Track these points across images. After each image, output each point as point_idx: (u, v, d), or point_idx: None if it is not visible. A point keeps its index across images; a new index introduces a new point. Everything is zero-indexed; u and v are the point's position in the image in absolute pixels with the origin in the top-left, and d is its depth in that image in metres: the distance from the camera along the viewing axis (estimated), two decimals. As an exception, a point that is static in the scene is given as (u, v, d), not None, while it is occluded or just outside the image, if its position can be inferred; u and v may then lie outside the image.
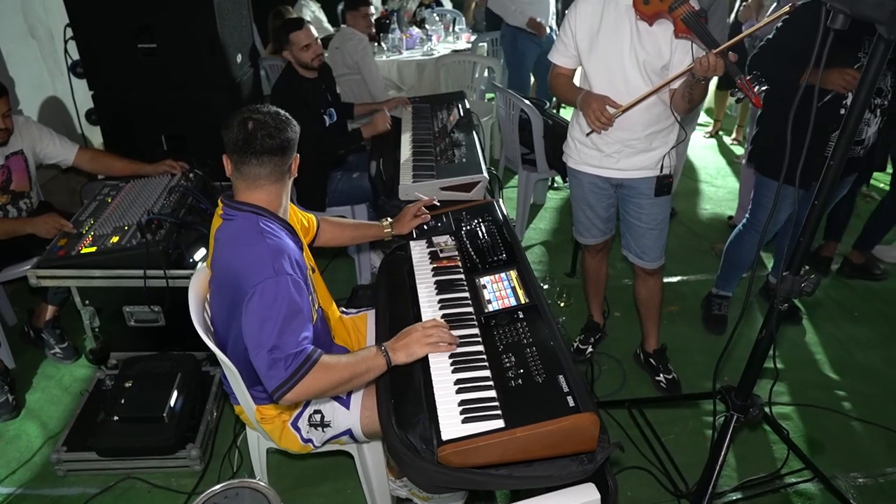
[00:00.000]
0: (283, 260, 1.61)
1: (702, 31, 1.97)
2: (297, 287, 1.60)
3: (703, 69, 1.97)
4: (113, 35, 3.22)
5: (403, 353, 1.66)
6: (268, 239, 1.64)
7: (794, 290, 1.72)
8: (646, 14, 2.08)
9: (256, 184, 1.71)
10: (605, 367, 2.98)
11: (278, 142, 1.68)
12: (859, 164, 2.79)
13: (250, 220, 1.69)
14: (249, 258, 1.61)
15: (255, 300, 1.55)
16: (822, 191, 1.62)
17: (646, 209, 2.49)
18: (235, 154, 1.69)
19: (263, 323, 1.54)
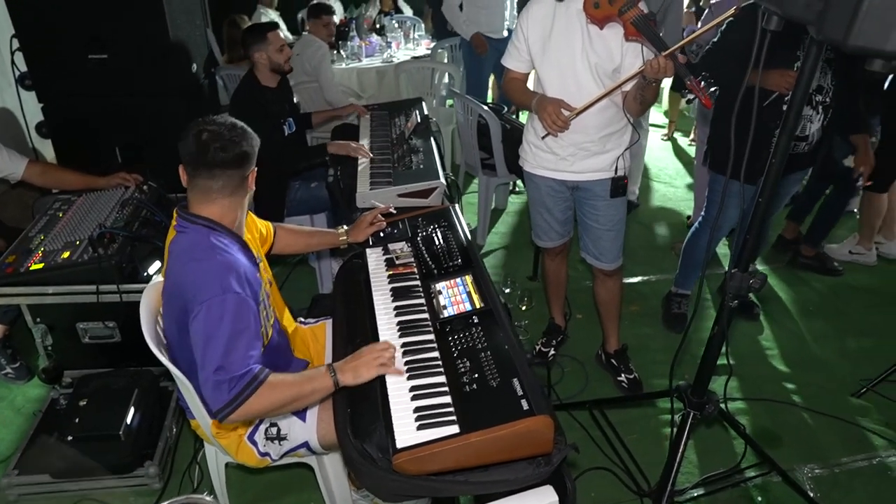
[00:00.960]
0: (232, 277, 1.58)
1: (651, 34, 2.00)
2: (244, 306, 1.58)
3: (653, 71, 2.00)
4: (62, 45, 3.16)
5: (351, 374, 1.62)
6: (218, 255, 1.62)
7: (742, 286, 1.76)
8: (596, 18, 2.10)
9: (209, 197, 1.68)
10: (567, 369, 3.00)
11: (232, 155, 1.65)
12: (805, 161, 2.85)
13: (202, 233, 1.67)
14: (198, 274, 1.59)
15: (200, 318, 1.53)
16: (766, 188, 1.65)
17: (602, 211, 2.51)
18: (189, 166, 1.67)
19: (208, 342, 1.51)
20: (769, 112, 2.55)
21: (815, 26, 1.23)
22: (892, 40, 1.12)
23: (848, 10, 1.14)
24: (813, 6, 1.22)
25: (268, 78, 3.18)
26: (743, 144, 1.65)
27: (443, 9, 5.04)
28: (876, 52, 1.15)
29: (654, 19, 2.00)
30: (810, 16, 1.24)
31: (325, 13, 4.44)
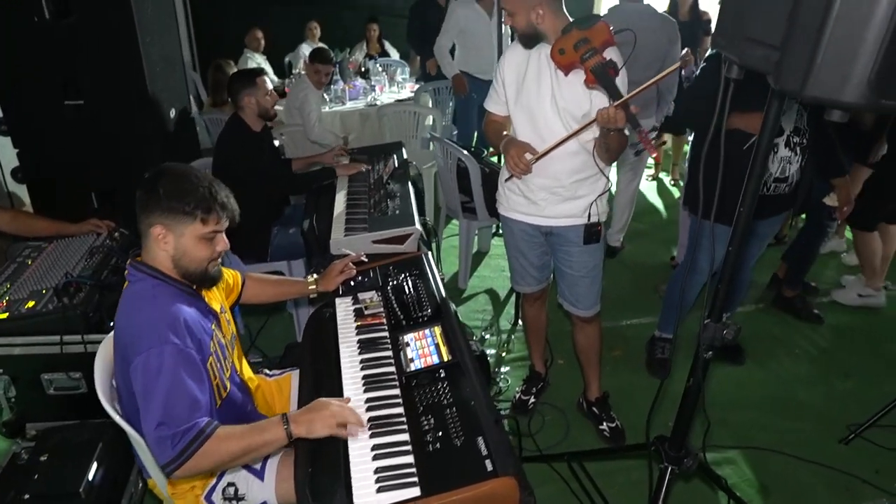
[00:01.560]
0: (170, 329, 1.54)
1: (607, 83, 1.98)
2: (184, 357, 1.53)
3: (604, 120, 1.98)
4: (38, 91, 3.14)
5: (304, 427, 1.56)
6: (157, 306, 1.58)
7: (716, 337, 1.71)
8: (561, 64, 2.10)
9: (147, 245, 1.67)
10: (548, 417, 2.92)
11: (139, 201, 1.65)
12: (786, 202, 2.84)
13: (146, 284, 1.65)
14: (136, 325, 1.56)
15: (138, 371, 1.49)
16: (735, 236, 1.62)
17: (576, 257, 2.48)
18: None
19: (147, 396, 1.48)
20: (748, 155, 2.53)
21: (772, 76, 1.21)
22: (848, 91, 1.10)
23: (803, 61, 1.13)
24: (770, 57, 1.21)
25: (254, 122, 3.19)
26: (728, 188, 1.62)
27: (434, 50, 5.08)
28: (832, 103, 1.13)
29: (614, 67, 1.97)
30: (768, 66, 1.22)
31: (319, 61, 4.47)
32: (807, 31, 1.11)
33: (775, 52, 1.19)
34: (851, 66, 1.09)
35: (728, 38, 1.34)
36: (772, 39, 1.20)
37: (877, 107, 1.10)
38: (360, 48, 6.98)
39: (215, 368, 1.70)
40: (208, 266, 1.72)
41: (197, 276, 1.72)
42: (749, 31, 1.25)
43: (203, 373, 1.60)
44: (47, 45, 3.05)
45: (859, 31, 1.06)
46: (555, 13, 2.19)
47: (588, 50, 1.97)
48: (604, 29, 2.00)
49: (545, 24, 2.20)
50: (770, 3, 1.21)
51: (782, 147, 2.63)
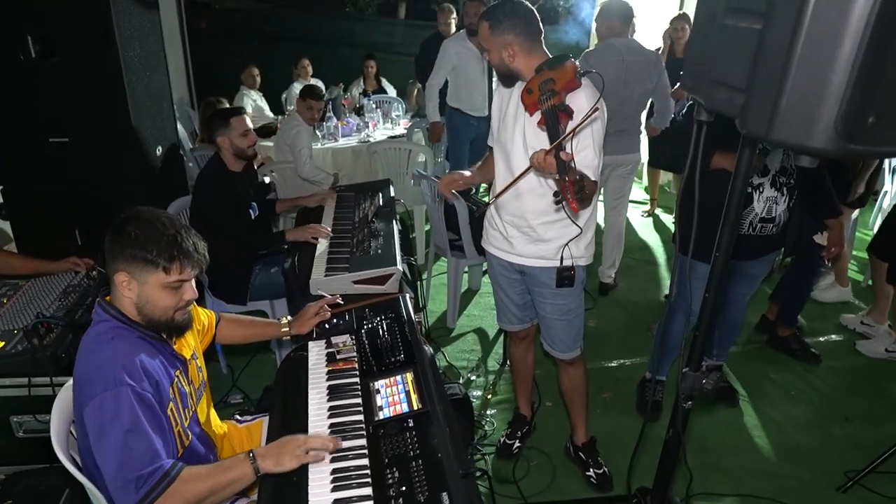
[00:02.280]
0: (127, 370, 1.51)
1: (551, 126, 1.90)
2: (142, 399, 1.50)
3: (535, 164, 1.90)
4: (23, 129, 3.13)
5: (273, 461, 1.53)
6: (115, 347, 1.55)
7: (695, 387, 1.64)
8: (527, 103, 2.06)
9: (113, 289, 1.64)
10: (534, 462, 2.83)
11: (104, 242, 1.62)
12: (774, 242, 2.79)
13: (108, 326, 1.62)
14: (91, 366, 1.53)
15: (92, 413, 1.46)
16: (713, 282, 1.56)
17: (549, 299, 2.42)
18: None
19: (103, 438, 1.44)
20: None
21: (739, 120, 1.17)
22: (815, 136, 1.06)
23: (768, 105, 1.08)
24: (735, 99, 1.17)
25: (233, 162, 3.15)
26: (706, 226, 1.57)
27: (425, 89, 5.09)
28: (799, 148, 1.08)
29: (566, 112, 1.90)
30: (733, 110, 1.18)
31: (311, 97, 4.50)
32: (770, 74, 1.07)
33: (741, 95, 1.15)
34: (817, 111, 1.04)
35: (695, 80, 1.30)
36: (737, 82, 1.17)
37: (845, 152, 1.06)
38: (357, 84, 7.03)
39: (175, 415, 1.65)
40: (174, 315, 1.68)
41: (162, 324, 1.67)
42: (714, 74, 1.22)
43: (162, 416, 1.57)
44: (32, 83, 3.05)
45: (823, 75, 1.02)
46: (527, 52, 2.17)
47: (548, 91, 1.93)
48: (570, 70, 1.95)
49: (517, 62, 2.19)
50: (735, 44, 1.17)
51: (768, 187, 2.59)
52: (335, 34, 9.98)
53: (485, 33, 2.20)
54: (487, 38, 2.19)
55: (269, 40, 8.00)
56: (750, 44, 1.13)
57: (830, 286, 4.24)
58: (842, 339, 3.90)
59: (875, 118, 1.03)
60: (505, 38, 2.16)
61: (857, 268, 4.76)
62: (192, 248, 1.63)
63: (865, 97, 1.01)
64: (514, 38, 2.15)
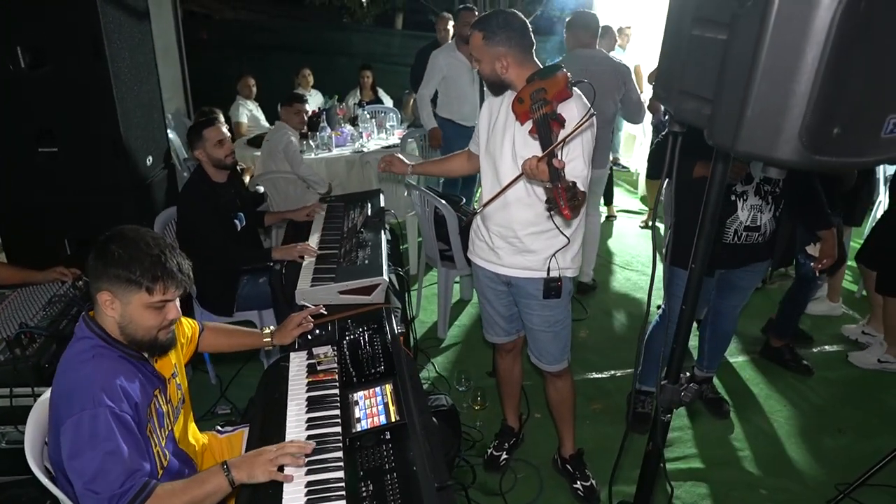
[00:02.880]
0: (106, 391, 1.50)
1: (543, 135, 1.91)
2: (120, 420, 1.49)
3: (526, 172, 1.90)
4: (12, 139, 3.14)
5: (245, 472, 1.52)
6: (95, 367, 1.54)
7: (673, 399, 1.63)
8: (518, 113, 2.06)
9: (96, 308, 1.63)
10: (521, 474, 2.81)
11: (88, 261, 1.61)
12: (762, 252, 2.77)
13: (89, 342, 1.61)
14: (70, 384, 1.52)
15: (69, 432, 1.45)
16: (689, 294, 1.55)
17: (536, 311, 2.40)
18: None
19: (78, 458, 1.44)
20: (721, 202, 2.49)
21: (706, 131, 1.16)
22: (780, 147, 1.05)
23: (734, 116, 1.08)
24: (703, 111, 1.16)
25: (215, 173, 3.15)
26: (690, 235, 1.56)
27: (417, 99, 5.10)
28: (765, 159, 1.08)
29: (558, 121, 1.92)
30: (702, 120, 1.17)
31: (297, 101, 4.58)
32: (735, 85, 1.07)
33: (708, 106, 1.15)
34: (781, 121, 1.04)
35: (666, 91, 1.29)
36: (704, 93, 1.16)
37: (811, 164, 1.05)
38: (353, 95, 7.05)
39: (154, 436, 1.65)
40: (158, 334, 1.66)
41: (145, 343, 1.66)
42: (683, 84, 1.21)
43: (140, 437, 1.56)
44: (22, 93, 3.05)
45: (787, 85, 1.02)
46: (520, 63, 2.17)
47: (540, 100, 1.94)
48: (561, 80, 1.97)
49: (509, 73, 2.19)
50: (701, 55, 1.16)
51: (752, 195, 2.59)
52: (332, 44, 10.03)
53: (477, 43, 2.19)
54: (480, 49, 2.18)
55: (267, 50, 8.03)
56: (716, 54, 1.12)
57: (820, 300, 4.22)
58: (835, 350, 3.88)
59: (840, 129, 1.02)
60: (498, 49, 2.16)
61: (852, 278, 4.74)
62: (177, 269, 1.62)
63: (829, 108, 1.01)
64: (507, 49, 2.15)
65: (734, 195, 2.60)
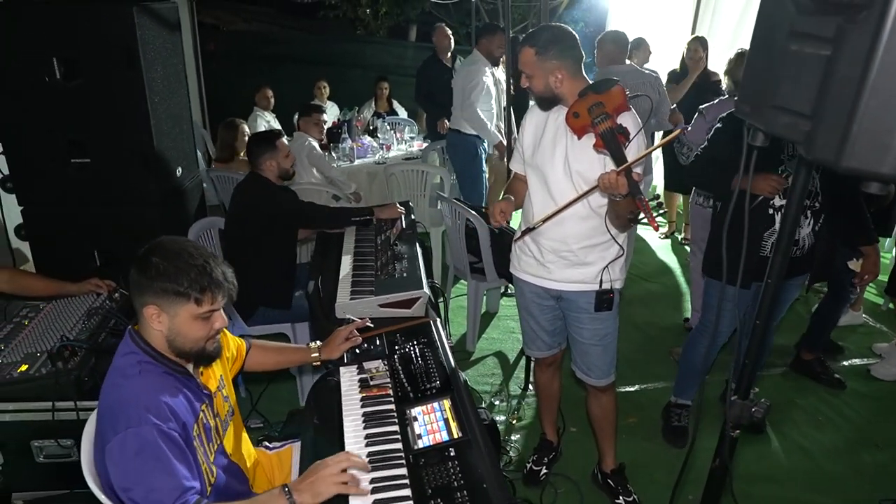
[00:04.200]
0: (152, 409, 1.48)
1: (614, 149, 1.93)
2: (167, 437, 1.46)
3: (605, 187, 1.92)
4: (45, 150, 3.14)
5: (309, 493, 1.48)
6: (141, 384, 1.53)
7: (743, 415, 1.60)
8: (574, 127, 2.06)
9: (141, 322, 1.61)
10: (561, 489, 2.78)
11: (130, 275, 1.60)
12: (801, 266, 2.76)
13: (134, 358, 1.59)
14: (116, 401, 1.50)
15: (115, 450, 1.43)
16: (763, 309, 1.53)
17: (587, 324, 2.39)
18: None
19: (126, 478, 1.42)
20: (754, 216, 2.48)
21: (803, 146, 1.15)
22: (888, 162, 1.03)
23: (838, 132, 1.06)
24: (798, 125, 1.14)
25: (277, 183, 3.18)
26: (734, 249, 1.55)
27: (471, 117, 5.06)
28: (871, 175, 1.06)
29: (624, 133, 1.93)
30: (797, 135, 1.16)
31: (316, 111, 4.63)
32: (840, 101, 1.05)
33: (805, 121, 1.13)
34: (890, 137, 1.02)
35: (753, 106, 1.28)
36: (800, 108, 1.14)
37: (919, 179, 1.03)
38: (368, 106, 7.05)
39: (201, 453, 1.62)
40: (206, 344, 1.65)
41: (193, 354, 1.64)
42: (776, 99, 1.20)
43: (188, 454, 1.53)
44: (56, 104, 3.05)
45: (897, 101, 1.00)
46: (573, 77, 2.18)
47: (601, 114, 1.94)
48: (619, 94, 1.98)
49: (563, 87, 2.19)
50: (798, 70, 1.15)
51: (792, 209, 2.58)
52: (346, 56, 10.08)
53: (530, 59, 2.18)
54: (533, 64, 2.18)
55: (280, 62, 8.05)
56: (816, 70, 1.11)
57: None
58: (864, 364, 3.85)
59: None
60: (552, 63, 2.16)
61: (875, 290, 4.72)
62: (222, 277, 1.60)
63: (942, 124, 0.99)
64: (560, 63, 2.16)
65: (772, 209, 2.59)
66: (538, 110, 2.34)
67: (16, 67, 2.99)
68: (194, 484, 1.47)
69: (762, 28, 1.27)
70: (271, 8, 18.41)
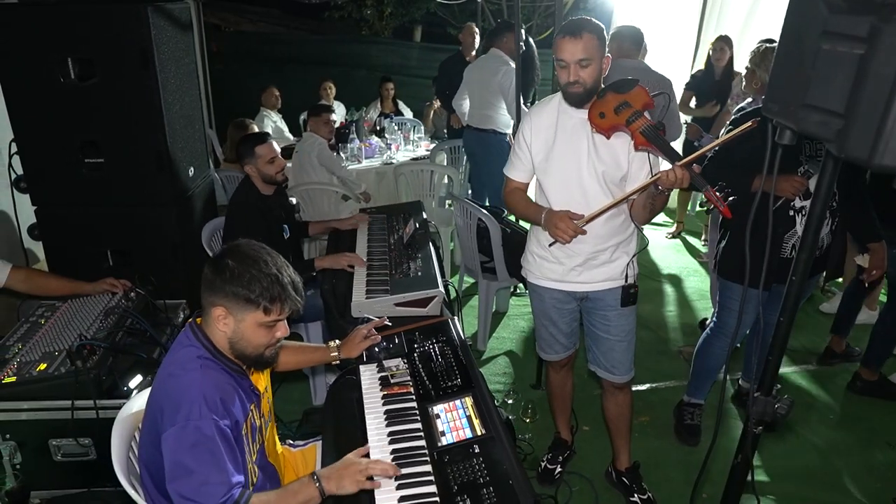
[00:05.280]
0: (209, 404, 1.50)
1: (662, 143, 1.96)
2: (221, 433, 1.50)
3: (669, 182, 1.94)
4: (59, 150, 3.14)
5: (334, 483, 1.54)
6: (200, 378, 1.55)
7: (767, 412, 1.62)
8: (602, 127, 2.07)
9: (206, 319, 1.65)
10: (575, 488, 2.79)
11: (205, 272, 1.62)
12: (817, 265, 2.78)
13: (195, 351, 1.61)
14: (175, 392, 1.52)
15: (170, 440, 1.47)
16: (787, 308, 1.54)
17: (614, 321, 2.41)
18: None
19: (179, 468, 1.45)
20: (775, 217, 2.49)
21: (834, 144, 1.16)
22: (921, 160, 1.04)
23: (871, 130, 1.07)
24: (830, 123, 1.16)
25: (263, 187, 3.15)
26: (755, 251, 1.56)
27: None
28: (906, 173, 1.07)
29: (662, 129, 1.96)
30: (828, 133, 1.17)
31: (325, 111, 4.63)
32: (874, 99, 1.07)
33: (837, 120, 1.14)
34: (925, 135, 1.03)
35: (782, 105, 1.29)
36: (833, 106, 1.16)
37: (953, 177, 1.04)
38: (374, 107, 7.06)
39: (248, 451, 1.65)
40: (265, 351, 1.67)
41: (252, 359, 1.67)
42: (807, 98, 1.21)
43: (237, 450, 1.57)
44: (70, 105, 3.06)
45: (932, 99, 1.01)
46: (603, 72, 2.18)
47: (633, 113, 1.97)
48: (643, 92, 2.01)
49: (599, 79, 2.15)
50: (831, 69, 1.16)
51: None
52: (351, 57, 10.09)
53: (594, 45, 2.08)
54: (595, 50, 2.09)
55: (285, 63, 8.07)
56: (849, 68, 1.12)
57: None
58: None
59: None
60: (604, 52, 2.12)
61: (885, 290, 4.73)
62: (292, 288, 1.62)
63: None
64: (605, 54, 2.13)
65: (793, 210, 2.60)
66: (543, 113, 2.29)
67: (30, 68, 3.00)
68: (240, 478, 1.51)
69: (791, 28, 1.28)
70: (276, 9, 18.44)
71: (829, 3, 1.17)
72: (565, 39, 2.09)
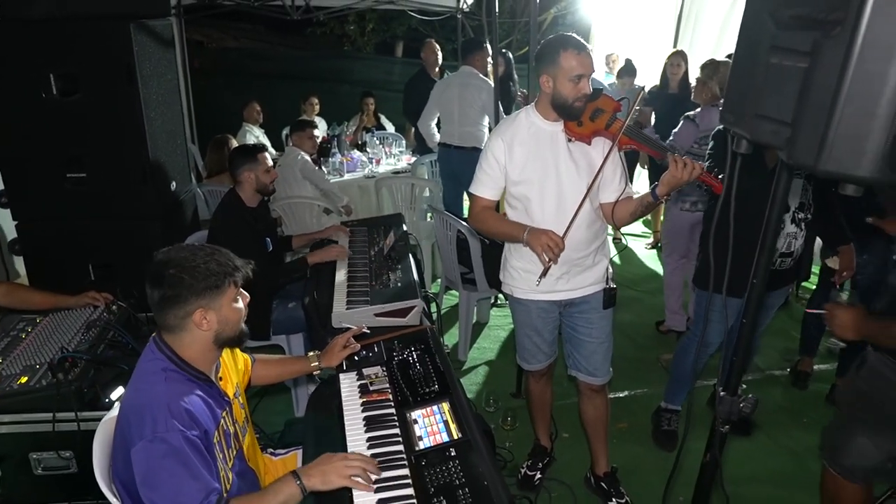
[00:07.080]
0: (176, 415, 1.52)
1: (645, 138, 2.06)
2: (190, 443, 1.51)
3: (679, 175, 1.98)
4: (41, 166, 3.16)
5: (319, 478, 1.56)
6: (166, 391, 1.56)
7: (732, 411, 1.67)
8: (583, 135, 2.15)
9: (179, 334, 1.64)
10: (555, 494, 2.83)
11: (156, 295, 1.61)
12: (790, 276, 2.86)
13: (159, 364, 1.63)
14: (142, 406, 1.54)
15: (140, 454, 1.47)
16: (749, 310, 1.60)
17: (596, 323, 2.49)
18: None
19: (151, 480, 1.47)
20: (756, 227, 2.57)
21: (784, 151, 1.23)
22: (863, 166, 1.11)
23: (816, 137, 1.14)
24: (781, 132, 1.22)
25: (251, 198, 3.18)
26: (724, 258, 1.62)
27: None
28: (847, 178, 1.14)
29: (640, 124, 2.05)
30: (779, 141, 1.23)
31: (310, 126, 4.68)
32: (818, 108, 1.13)
33: (786, 128, 1.21)
34: (864, 142, 1.10)
35: (737, 115, 1.36)
36: (782, 116, 1.23)
37: (893, 180, 1.11)
38: (355, 121, 7.12)
39: (219, 460, 1.66)
40: (242, 325, 1.73)
41: (236, 338, 1.72)
42: (759, 109, 1.28)
43: (209, 459, 1.58)
44: (52, 120, 3.09)
45: (870, 108, 1.08)
46: None
47: (609, 117, 2.09)
48: (609, 98, 2.15)
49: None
50: (779, 81, 1.23)
51: (788, 223, 2.67)
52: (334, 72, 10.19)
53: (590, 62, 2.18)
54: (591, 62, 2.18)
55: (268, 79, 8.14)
56: (795, 80, 1.19)
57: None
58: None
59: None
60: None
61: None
62: (231, 255, 1.69)
63: (911, 129, 1.07)
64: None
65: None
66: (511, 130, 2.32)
67: (13, 83, 3.03)
68: (216, 486, 1.52)
69: (744, 43, 1.35)
70: (259, 25, 18.53)
71: (777, 19, 1.24)
72: (581, 55, 2.14)
